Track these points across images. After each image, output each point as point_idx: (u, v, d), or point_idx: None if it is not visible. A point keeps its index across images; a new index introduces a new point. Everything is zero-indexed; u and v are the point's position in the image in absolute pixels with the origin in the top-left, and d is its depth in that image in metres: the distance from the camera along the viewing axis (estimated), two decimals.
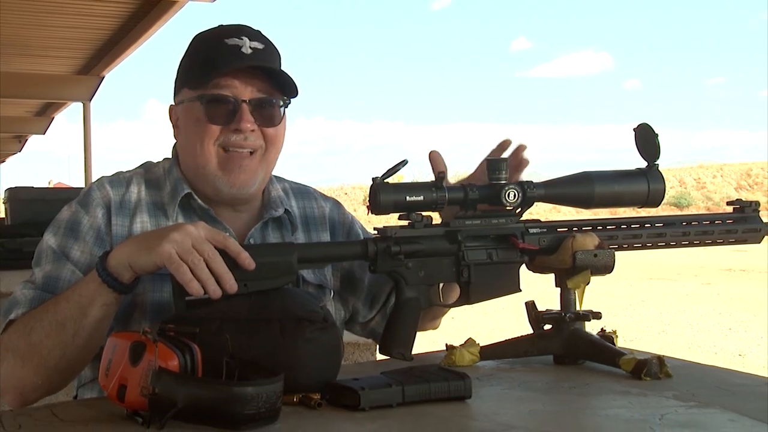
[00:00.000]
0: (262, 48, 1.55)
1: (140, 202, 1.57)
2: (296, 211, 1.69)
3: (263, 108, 1.55)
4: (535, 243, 1.53)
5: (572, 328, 1.53)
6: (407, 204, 1.45)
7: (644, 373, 1.40)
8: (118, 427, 1.15)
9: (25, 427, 1.17)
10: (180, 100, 1.60)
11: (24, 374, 1.40)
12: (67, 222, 1.54)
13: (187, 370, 1.16)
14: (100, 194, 1.56)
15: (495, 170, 1.50)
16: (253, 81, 1.53)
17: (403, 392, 1.23)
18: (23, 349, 1.39)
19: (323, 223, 1.72)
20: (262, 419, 1.13)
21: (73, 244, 1.52)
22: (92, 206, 1.55)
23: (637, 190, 1.55)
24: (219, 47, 1.53)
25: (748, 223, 1.62)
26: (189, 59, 1.60)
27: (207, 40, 1.58)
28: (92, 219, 1.53)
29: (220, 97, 1.52)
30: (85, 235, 1.52)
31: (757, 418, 1.17)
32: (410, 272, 1.47)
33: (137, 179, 1.60)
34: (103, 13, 7.27)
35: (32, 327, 1.39)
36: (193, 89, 1.55)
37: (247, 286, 1.33)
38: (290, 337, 1.28)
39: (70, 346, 1.39)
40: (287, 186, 1.73)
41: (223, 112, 1.52)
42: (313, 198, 1.75)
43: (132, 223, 1.55)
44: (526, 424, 1.18)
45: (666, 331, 10.08)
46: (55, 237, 1.53)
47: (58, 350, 1.38)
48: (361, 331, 1.81)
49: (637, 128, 1.55)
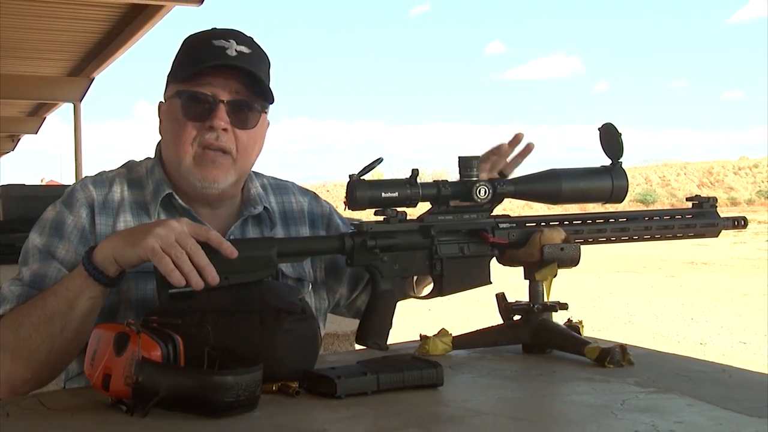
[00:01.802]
0: (248, 52, 1.52)
1: (123, 201, 1.55)
2: (275, 206, 1.68)
3: (239, 110, 1.52)
4: (504, 237, 1.53)
5: (540, 319, 1.53)
6: (383, 200, 1.44)
7: (608, 361, 1.41)
8: (103, 415, 1.14)
9: (13, 415, 1.16)
10: (166, 97, 1.58)
11: (14, 368, 1.38)
12: (52, 222, 1.52)
13: (169, 360, 1.15)
14: (83, 194, 1.54)
15: (466, 167, 1.50)
16: (232, 83, 1.51)
17: (377, 380, 1.23)
18: (12, 344, 1.38)
19: (302, 217, 1.71)
20: (242, 407, 1.13)
21: (59, 244, 1.50)
22: (76, 206, 1.53)
23: (601, 187, 1.55)
24: (206, 47, 1.51)
25: (706, 218, 1.63)
26: (177, 57, 1.58)
27: (196, 40, 1.56)
28: (76, 219, 1.52)
29: (199, 95, 1.50)
30: (69, 235, 1.50)
31: (713, 402, 1.18)
32: (385, 265, 1.47)
33: (120, 179, 1.58)
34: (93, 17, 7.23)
35: (21, 322, 1.38)
36: (176, 84, 1.54)
37: (228, 279, 1.32)
38: (269, 327, 1.27)
39: (58, 339, 1.37)
40: (266, 182, 1.71)
41: (200, 110, 1.50)
42: (292, 193, 1.73)
43: (115, 222, 1.53)
44: (496, 410, 1.18)
45: (632, 321, 10.15)
46: (40, 236, 1.51)
47: (46, 344, 1.37)
48: (347, 312, 1.79)
49: (602, 128, 1.55)
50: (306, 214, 1.72)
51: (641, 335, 8.71)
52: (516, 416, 1.15)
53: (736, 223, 1.66)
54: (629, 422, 1.09)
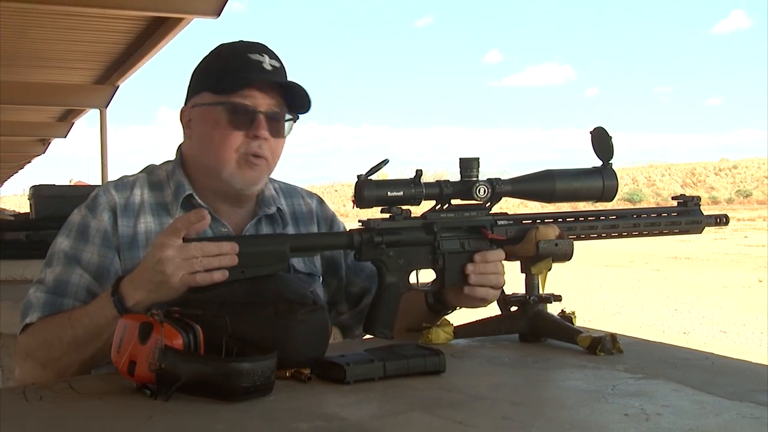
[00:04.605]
0: (279, 66, 1.55)
1: (143, 203, 1.55)
2: (286, 208, 1.68)
3: (275, 121, 1.54)
4: (502, 233, 1.53)
5: (536, 310, 1.53)
6: (389, 199, 1.44)
7: (599, 349, 1.40)
8: (129, 398, 1.15)
9: (46, 399, 1.16)
10: (198, 103, 1.56)
11: (43, 375, 1.42)
12: (78, 226, 1.53)
13: (190, 348, 1.15)
14: (105, 199, 1.54)
15: (467, 168, 1.50)
16: (270, 95, 1.53)
17: (384, 367, 1.23)
18: (44, 360, 1.42)
19: (311, 217, 1.72)
20: (258, 392, 1.13)
21: (84, 247, 1.50)
22: (99, 210, 1.53)
23: (593, 186, 1.55)
24: (244, 60, 1.52)
25: (691, 215, 1.62)
26: (212, 65, 1.57)
27: (231, 51, 1.56)
28: (99, 222, 1.51)
29: (242, 107, 1.51)
30: (93, 238, 1.50)
31: (697, 387, 1.18)
32: (391, 260, 1.47)
33: (140, 182, 1.58)
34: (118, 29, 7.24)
35: (52, 344, 1.41)
36: (216, 94, 1.52)
37: (245, 273, 1.32)
38: (283, 318, 1.27)
39: (87, 360, 1.41)
40: (277, 186, 1.72)
41: (244, 120, 1.51)
42: (300, 196, 1.75)
43: (137, 224, 1.53)
44: (494, 395, 1.18)
45: (620, 312, 10.14)
46: (67, 239, 1.52)
47: (77, 364, 1.41)
48: (333, 319, 1.78)
49: (594, 131, 1.55)
50: (314, 215, 1.73)
51: (629, 325, 8.70)
52: (513, 400, 1.15)
53: (719, 220, 1.65)
54: (619, 406, 1.09)
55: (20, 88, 9.48)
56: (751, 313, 9.73)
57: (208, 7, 5.74)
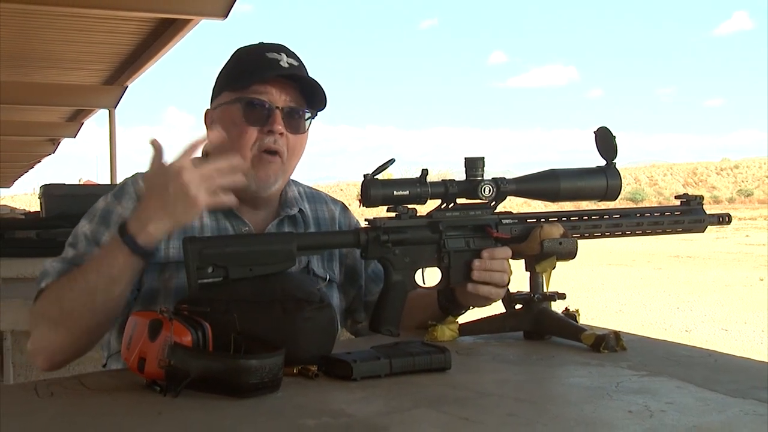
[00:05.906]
0: (297, 65, 1.56)
1: None
2: (309, 213, 1.69)
3: (293, 116, 1.54)
4: (507, 232, 1.52)
5: (540, 308, 1.53)
6: (395, 198, 1.44)
7: (603, 347, 1.40)
8: (139, 394, 1.15)
9: (57, 394, 1.16)
10: (219, 103, 1.58)
11: (55, 337, 1.39)
12: (102, 211, 1.54)
13: (199, 345, 1.15)
14: (133, 188, 1.55)
15: (472, 168, 1.49)
16: (286, 91, 1.54)
17: (390, 364, 1.23)
18: (56, 316, 1.39)
19: (333, 224, 1.73)
20: (266, 388, 1.13)
21: (105, 231, 1.51)
22: (125, 198, 1.54)
23: (597, 186, 1.54)
24: (260, 59, 1.54)
25: (693, 214, 1.62)
26: (231, 66, 1.59)
27: (249, 52, 1.58)
28: (123, 209, 1.52)
29: (257, 101, 1.52)
30: (115, 224, 1.50)
31: (700, 384, 1.18)
32: (397, 258, 1.47)
33: None
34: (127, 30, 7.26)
35: (63, 296, 1.38)
36: (233, 92, 1.54)
37: (253, 271, 1.32)
38: (291, 315, 1.27)
39: (99, 310, 1.38)
40: (302, 190, 1.73)
41: (259, 115, 1.52)
42: (324, 202, 1.75)
43: None
44: (499, 392, 1.17)
45: (623, 310, 10.12)
46: (90, 224, 1.53)
47: (88, 315, 1.37)
48: (350, 327, 1.80)
49: (597, 131, 1.54)
50: (336, 221, 1.74)
51: (631, 323, 8.69)
52: (518, 397, 1.15)
53: (721, 219, 1.65)
54: (623, 403, 1.08)
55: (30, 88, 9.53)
56: (753, 312, 9.70)
57: (216, 8, 5.75)
